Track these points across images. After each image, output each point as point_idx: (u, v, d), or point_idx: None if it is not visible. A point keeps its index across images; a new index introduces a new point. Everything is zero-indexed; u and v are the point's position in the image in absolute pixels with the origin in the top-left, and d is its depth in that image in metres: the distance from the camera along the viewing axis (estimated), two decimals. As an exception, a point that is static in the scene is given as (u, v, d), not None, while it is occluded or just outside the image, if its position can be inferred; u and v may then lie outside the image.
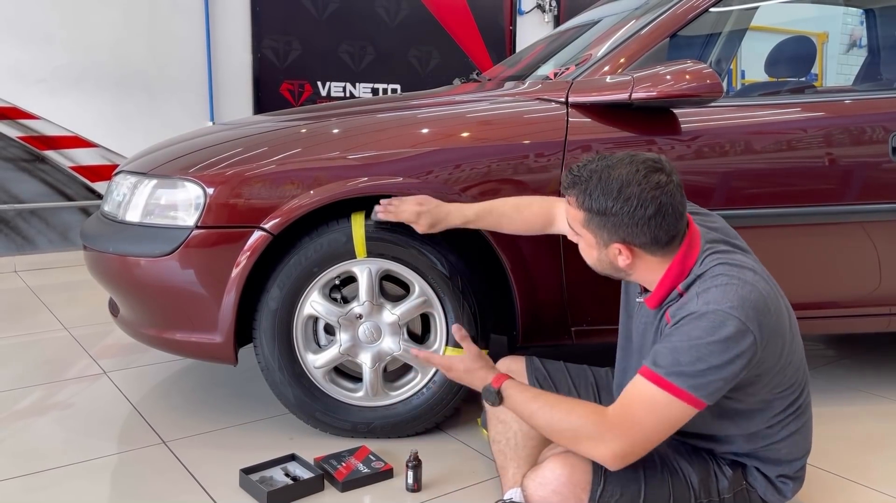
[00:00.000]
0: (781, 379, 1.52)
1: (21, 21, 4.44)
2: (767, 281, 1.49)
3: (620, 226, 1.48)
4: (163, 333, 2.15)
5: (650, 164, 1.48)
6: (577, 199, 1.53)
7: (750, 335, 1.38)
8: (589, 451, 1.45)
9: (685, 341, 1.40)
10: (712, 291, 1.42)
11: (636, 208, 1.45)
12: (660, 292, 1.53)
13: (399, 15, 5.71)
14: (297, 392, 2.12)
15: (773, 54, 2.95)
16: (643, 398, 1.41)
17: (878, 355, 3.04)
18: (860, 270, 2.35)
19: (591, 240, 1.55)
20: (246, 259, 2.00)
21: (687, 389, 1.38)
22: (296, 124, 2.34)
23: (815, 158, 2.26)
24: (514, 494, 1.65)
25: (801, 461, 1.65)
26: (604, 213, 1.48)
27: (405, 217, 1.94)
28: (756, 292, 1.41)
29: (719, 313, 1.38)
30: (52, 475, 1.99)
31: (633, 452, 1.43)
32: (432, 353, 1.74)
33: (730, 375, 1.39)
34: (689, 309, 1.43)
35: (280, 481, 1.90)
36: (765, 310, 1.41)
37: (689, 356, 1.38)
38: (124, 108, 4.83)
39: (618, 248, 1.52)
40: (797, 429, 1.60)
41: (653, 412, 1.41)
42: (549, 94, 2.24)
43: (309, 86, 5.47)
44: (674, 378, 1.39)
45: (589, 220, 1.52)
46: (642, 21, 2.34)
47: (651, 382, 1.41)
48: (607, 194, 1.47)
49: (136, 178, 2.17)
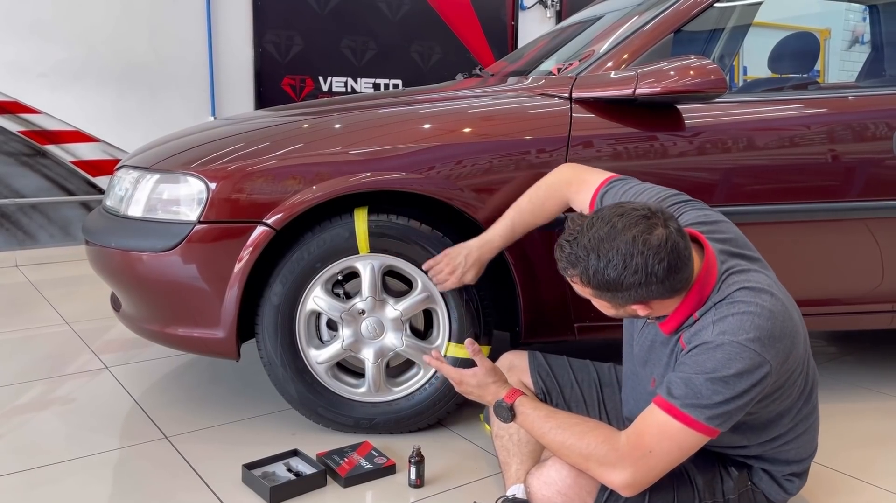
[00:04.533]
0: (793, 390, 1.52)
1: (22, 15, 4.43)
2: (783, 300, 1.45)
3: (634, 293, 1.42)
4: (165, 328, 2.15)
5: (644, 223, 1.38)
6: (581, 279, 1.45)
7: (766, 366, 1.36)
8: (599, 476, 1.44)
9: (700, 373, 1.37)
10: (728, 320, 1.39)
11: (648, 277, 1.38)
12: (676, 319, 1.49)
13: (401, 10, 5.70)
14: (300, 387, 2.12)
15: (775, 50, 2.94)
16: (658, 428, 1.40)
17: (880, 352, 3.04)
18: (863, 267, 2.34)
19: (605, 305, 1.50)
20: (248, 254, 1.99)
21: (703, 421, 1.37)
22: (298, 119, 2.33)
23: (817, 155, 2.26)
24: (516, 490, 1.65)
25: (810, 459, 1.65)
26: (614, 288, 1.41)
27: (451, 286, 1.98)
28: (773, 319, 1.38)
29: (735, 345, 1.36)
30: (54, 470, 1.99)
31: (646, 480, 1.42)
32: (445, 364, 1.70)
33: (745, 404, 1.38)
34: (704, 338, 1.40)
35: (282, 476, 1.90)
36: (780, 337, 1.39)
37: (705, 389, 1.36)
38: (125, 102, 4.82)
39: (637, 307, 1.47)
40: (806, 429, 1.61)
41: (666, 441, 1.39)
42: (553, 90, 2.23)
43: (310, 81, 5.46)
44: (689, 410, 1.37)
45: (600, 295, 1.47)
46: (646, 17, 2.34)
47: (666, 413, 1.39)
48: (612, 269, 1.39)
49: (138, 173, 2.17)
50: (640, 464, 1.39)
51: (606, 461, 1.41)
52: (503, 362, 1.96)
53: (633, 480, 1.40)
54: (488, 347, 2.15)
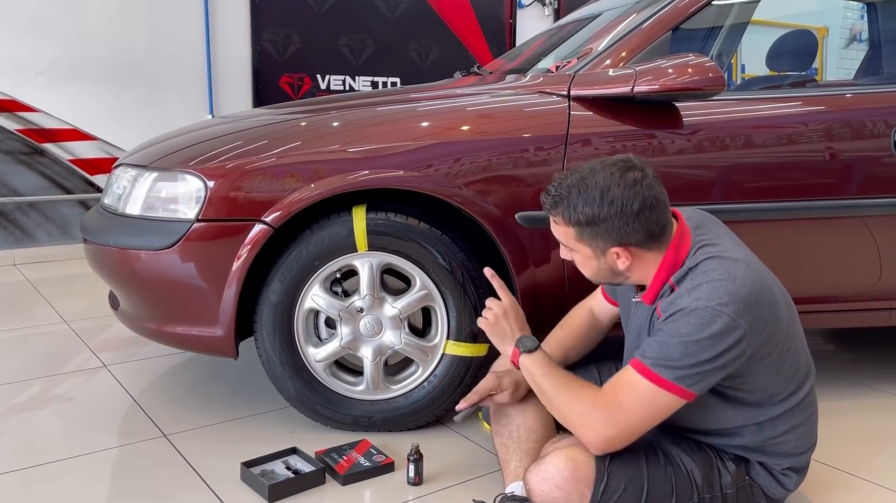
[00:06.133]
0: (780, 366, 1.53)
1: (19, 13, 4.42)
2: (759, 272, 1.50)
3: (613, 230, 1.50)
4: (163, 327, 2.15)
5: (622, 165, 1.51)
6: (563, 217, 1.54)
7: (739, 330, 1.41)
8: (577, 433, 1.51)
9: (674, 337, 1.43)
10: (702, 288, 1.44)
11: (623, 208, 1.47)
12: (655, 286, 1.55)
13: (399, 8, 5.70)
14: (298, 385, 2.12)
15: (773, 48, 2.94)
16: (629, 385, 1.47)
17: (878, 350, 3.04)
18: (861, 264, 2.35)
19: (587, 252, 1.56)
20: (247, 252, 1.99)
21: (672, 380, 1.43)
22: (296, 117, 2.33)
23: (816, 153, 2.26)
24: (515, 488, 1.65)
25: (808, 454, 1.66)
26: (593, 222, 1.50)
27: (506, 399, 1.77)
28: (746, 287, 1.43)
29: (708, 310, 1.41)
30: (53, 468, 1.99)
31: (619, 437, 1.47)
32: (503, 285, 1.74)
33: (717, 368, 1.43)
34: (680, 304, 1.45)
35: (281, 474, 1.90)
36: (755, 304, 1.43)
37: (677, 352, 1.42)
38: (123, 101, 4.82)
39: (615, 253, 1.53)
40: (802, 421, 1.61)
41: (637, 399, 1.45)
42: (551, 88, 2.23)
43: (308, 79, 5.46)
44: (659, 369, 1.44)
45: (581, 233, 1.53)
46: (644, 14, 2.34)
47: (637, 372, 1.46)
48: (591, 203, 1.49)
49: (136, 171, 2.16)
50: (611, 419, 1.46)
51: (584, 420, 1.48)
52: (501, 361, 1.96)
53: (605, 435, 1.47)
54: (486, 345, 2.15)
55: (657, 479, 1.53)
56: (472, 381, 2.16)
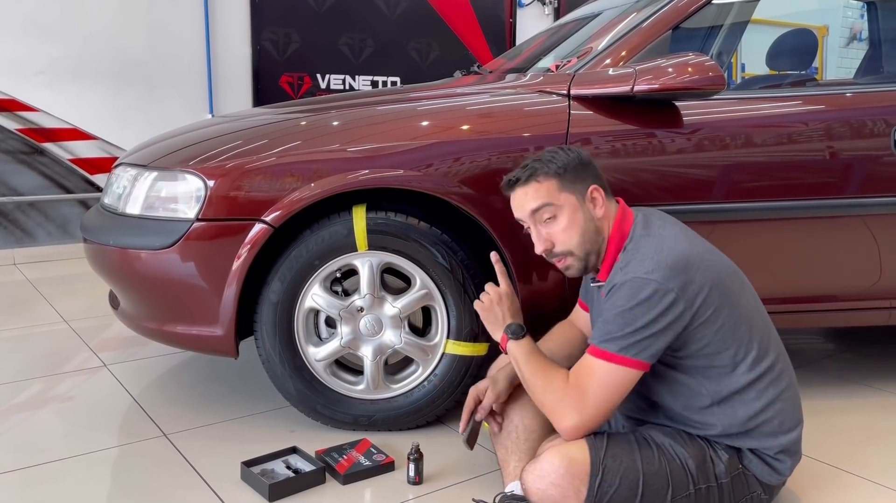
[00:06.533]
0: (735, 332, 1.57)
1: (18, 12, 4.42)
2: (691, 242, 1.59)
3: (581, 170, 1.64)
4: (163, 326, 2.15)
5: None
6: (545, 174, 1.63)
7: (670, 293, 1.49)
8: (552, 420, 1.58)
9: (611, 311, 1.53)
10: (633, 264, 1.55)
11: (578, 154, 1.66)
12: (608, 261, 1.64)
13: (399, 7, 5.69)
14: (298, 385, 2.12)
15: (773, 47, 2.94)
16: (587, 369, 1.54)
17: (878, 348, 3.04)
18: (861, 264, 2.35)
19: (572, 202, 1.63)
20: (247, 252, 1.99)
21: (618, 352, 1.51)
22: (296, 117, 2.33)
23: (816, 152, 2.26)
24: (514, 487, 1.65)
25: (797, 432, 1.66)
26: (567, 164, 1.63)
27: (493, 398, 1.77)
28: (673, 254, 1.52)
29: (636, 279, 1.51)
30: (53, 468, 1.99)
31: (587, 422, 1.53)
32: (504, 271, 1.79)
33: (657, 332, 1.50)
34: (613, 281, 1.57)
35: (281, 474, 1.90)
36: (685, 268, 1.51)
37: (615, 324, 1.51)
38: (123, 100, 4.82)
39: (593, 192, 1.64)
40: (777, 395, 1.61)
41: (595, 381, 1.52)
42: (551, 87, 2.23)
43: (308, 78, 5.46)
44: (605, 345, 1.52)
45: (562, 181, 1.63)
46: (644, 14, 2.34)
47: (590, 355, 1.55)
48: (556, 155, 1.65)
49: (136, 171, 2.16)
50: (577, 406, 1.52)
51: (555, 408, 1.55)
52: (501, 359, 1.96)
53: (573, 422, 1.53)
54: (486, 345, 2.15)
55: (652, 472, 1.53)
56: (472, 381, 2.16)
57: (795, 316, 2.37)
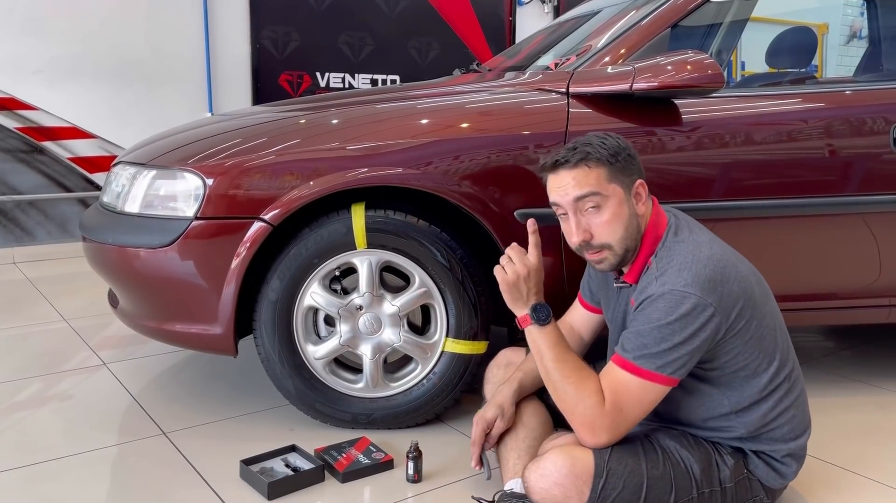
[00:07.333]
0: (760, 343, 1.55)
1: (17, 11, 4.42)
2: (724, 251, 1.55)
3: (630, 162, 1.58)
4: (162, 325, 2.15)
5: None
6: (596, 161, 1.55)
7: (709, 308, 1.45)
8: (577, 430, 1.53)
9: (647, 324, 1.48)
10: (669, 273, 1.50)
11: (629, 145, 1.61)
12: (638, 265, 1.59)
13: (398, 5, 5.69)
14: (298, 383, 2.12)
15: (773, 45, 2.94)
16: (622, 386, 1.49)
17: (877, 346, 3.04)
18: (860, 261, 2.34)
19: (619, 193, 1.56)
20: (246, 250, 1.99)
21: (654, 370, 1.47)
22: (295, 115, 2.33)
23: (815, 149, 2.26)
24: (514, 485, 1.65)
25: (805, 437, 1.66)
26: (618, 152, 1.57)
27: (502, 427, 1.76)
28: (710, 266, 1.48)
29: (675, 293, 1.46)
30: (52, 466, 1.99)
31: (618, 438, 1.52)
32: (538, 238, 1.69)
33: (694, 349, 1.47)
34: (648, 292, 1.51)
35: (281, 472, 1.90)
36: (722, 281, 1.48)
37: (652, 338, 1.47)
38: (122, 99, 4.82)
39: (639, 188, 1.59)
40: (792, 402, 1.61)
41: (632, 398, 1.49)
42: (550, 85, 2.23)
43: (308, 77, 5.46)
44: (641, 361, 1.48)
45: (612, 170, 1.56)
46: (643, 11, 2.33)
47: (622, 369, 1.50)
48: (607, 141, 1.58)
49: (135, 169, 2.16)
50: (614, 425, 1.50)
51: (588, 423, 1.50)
52: (501, 358, 1.96)
53: (609, 439, 1.51)
54: (486, 342, 2.15)
55: (656, 476, 1.53)
56: (471, 379, 2.16)
57: (795, 314, 2.37)
